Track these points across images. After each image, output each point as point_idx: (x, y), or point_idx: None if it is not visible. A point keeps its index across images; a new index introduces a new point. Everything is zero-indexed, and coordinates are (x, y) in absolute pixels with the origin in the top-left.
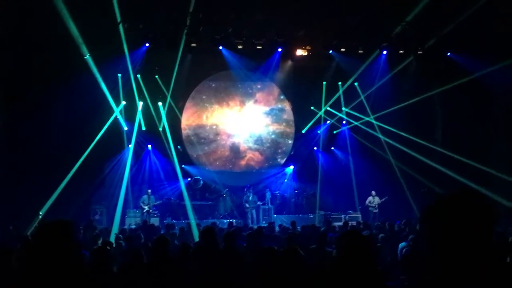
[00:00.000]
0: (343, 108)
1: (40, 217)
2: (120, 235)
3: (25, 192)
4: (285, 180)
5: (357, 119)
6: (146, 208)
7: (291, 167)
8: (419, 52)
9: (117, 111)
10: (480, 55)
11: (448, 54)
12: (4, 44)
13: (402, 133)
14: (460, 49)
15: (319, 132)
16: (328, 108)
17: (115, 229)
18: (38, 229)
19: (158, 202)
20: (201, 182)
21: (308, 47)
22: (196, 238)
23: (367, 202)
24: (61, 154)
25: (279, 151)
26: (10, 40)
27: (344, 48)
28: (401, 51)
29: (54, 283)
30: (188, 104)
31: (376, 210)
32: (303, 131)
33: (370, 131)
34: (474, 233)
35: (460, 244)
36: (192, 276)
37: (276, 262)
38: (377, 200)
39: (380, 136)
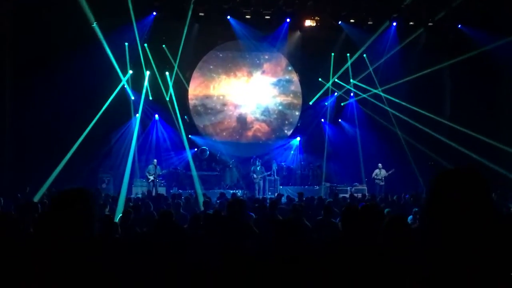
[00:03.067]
0: (351, 80)
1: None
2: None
3: (33, 161)
4: (292, 152)
5: (365, 91)
6: (151, 178)
7: (298, 138)
8: (429, 24)
9: (124, 80)
10: (491, 27)
11: (459, 26)
12: (9, 13)
13: (410, 106)
14: (471, 21)
15: (326, 104)
16: (336, 80)
17: (122, 198)
18: (58, 195)
19: (163, 171)
20: (208, 152)
21: (316, 18)
22: (202, 208)
23: (373, 174)
24: (69, 123)
25: (286, 122)
26: (16, 9)
27: (353, 19)
28: (411, 23)
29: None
30: (195, 74)
31: (383, 183)
32: (311, 103)
33: (378, 103)
34: (476, 204)
35: (465, 215)
36: (203, 246)
37: (281, 232)
38: (383, 172)
39: (388, 108)
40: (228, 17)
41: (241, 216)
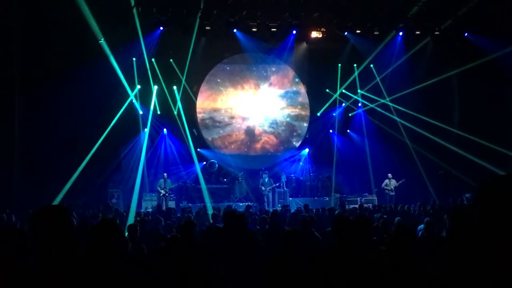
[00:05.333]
0: (359, 90)
1: None
2: (138, 218)
3: (42, 176)
4: (301, 163)
5: (372, 101)
6: (163, 192)
7: (307, 150)
8: (436, 33)
9: (132, 95)
10: (498, 35)
11: (466, 34)
12: (18, 29)
13: (418, 115)
14: (478, 30)
15: (334, 114)
16: (344, 91)
17: (132, 212)
18: (34, 213)
19: (174, 186)
20: (217, 165)
21: (323, 29)
22: (211, 221)
23: (383, 185)
24: (78, 138)
25: (294, 134)
26: (24, 26)
27: (359, 30)
28: (417, 32)
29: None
30: (202, 87)
31: (393, 193)
32: (318, 114)
33: (386, 113)
34: None
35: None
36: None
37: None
38: (393, 183)
39: (396, 118)
40: (235, 30)
41: (240, 228)
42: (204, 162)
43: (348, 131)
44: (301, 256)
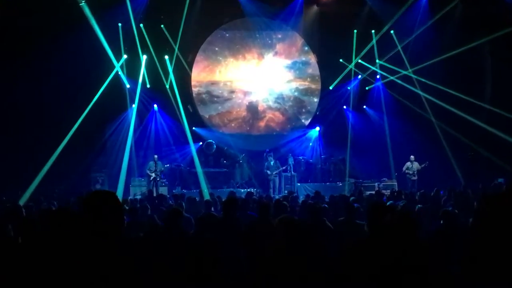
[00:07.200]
0: (377, 61)
1: None
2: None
3: (17, 159)
4: (310, 144)
5: (393, 73)
6: (153, 175)
7: (317, 128)
8: None
9: (118, 66)
10: None
11: None
12: None
13: (445, 89)
14: None
15: (349, 88)
16: (360, 61)
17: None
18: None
19: (165, 167)
20: (215, 146)
21: None
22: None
23: (404, 168)
24: (57, 116)
25: (303, 110)
26: None
27: None
28: None
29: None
30: (198, 57)
31: (415, 178)
32: (331, 88)
33: (408, 86)
34: None
35: None
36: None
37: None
38: (416, 166)
39: (420, 92)
40: None
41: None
42: (200, 143)
43: (365, 107)
44: (311, 250)
